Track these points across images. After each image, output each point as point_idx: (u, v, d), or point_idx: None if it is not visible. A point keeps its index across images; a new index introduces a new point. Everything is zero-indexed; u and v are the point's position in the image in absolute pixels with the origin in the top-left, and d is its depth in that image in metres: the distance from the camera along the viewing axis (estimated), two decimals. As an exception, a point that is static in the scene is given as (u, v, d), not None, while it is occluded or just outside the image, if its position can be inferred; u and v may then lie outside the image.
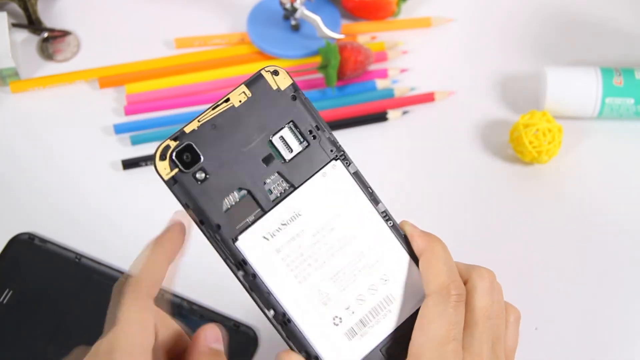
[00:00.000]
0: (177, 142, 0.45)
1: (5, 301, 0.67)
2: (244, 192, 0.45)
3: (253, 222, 0.45)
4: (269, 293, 0.45)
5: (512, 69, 0.81)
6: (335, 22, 0.82)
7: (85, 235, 0.71)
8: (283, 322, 0.45)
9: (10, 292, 0.68)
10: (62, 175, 0.75)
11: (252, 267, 0.45)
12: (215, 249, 0.45)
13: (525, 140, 0.72)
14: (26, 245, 0.70)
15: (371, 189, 0.47)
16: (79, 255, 0.69)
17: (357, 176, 0.47)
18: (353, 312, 0.46)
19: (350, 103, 0.79)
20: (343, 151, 0.46)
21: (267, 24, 0.82)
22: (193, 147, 0.44)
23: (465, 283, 0.47)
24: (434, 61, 0.82)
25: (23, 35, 0.83)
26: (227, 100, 0.45)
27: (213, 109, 0.45)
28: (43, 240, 0.70)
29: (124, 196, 0.74)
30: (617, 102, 0.75)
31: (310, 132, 0.46)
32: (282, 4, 0.80)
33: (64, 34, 0.83)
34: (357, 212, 0.46)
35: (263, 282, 0.45)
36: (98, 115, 0.78)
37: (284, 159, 0.45)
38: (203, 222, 0.44)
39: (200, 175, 0.44)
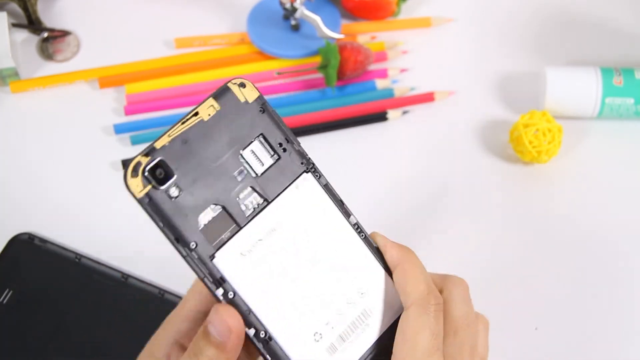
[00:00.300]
0: (149, 157, 0.43)
1: (5, 301, 0.67)
2: (218, 208, 0.44)
3: (229, 239, 0.44)
4: (249, 311, 0.44)
5: (512, 69, 0.81)
6: (335, 22, 0.82)
7: (85, 235, 0.71)
8: (264, 341, 0.44)
9: (10, 292, 0.68)
10: (62, 175, 0.75)
11: (230, 285, 0.44)
12: (192, 267, 0.44)
13: (525, 140, 0.72)
14: (26, 245, 0.70)
15: (342, 202, 0.46)
16: (79, 255, 0.69)
17: (328, 189, 0.46)
18: (333, 327, 0.45)
19: (350, 103, 0.79)
20: (313, 163, 0.46)
21: (267, 24, 0.82)
22: (165, 163, 0.43)
23: (440, 292, 0.47)
24: (434, 61, 0.82)
25: (23, 35, 0.83)
26: (196, 114, 0.44)
27: (182, 123, 0.44)
28: (43, 240, 0.70)
29: (124, 196, 0.74)
30: (617, 102, 0.75)
31: (280, 144, 0.45)
32: (282, 4, 0.80)
33: (64, 34, 0.83)
34: (330, 225, 0.46)
35: (243, 300, 0.44)
36: (98, 115, 0.78)
37: (256, 173, 0.45)
38: (178, 240, 0.43)
39: (173, 192, 0.43)
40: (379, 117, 0.78)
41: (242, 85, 0.45)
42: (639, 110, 0.76)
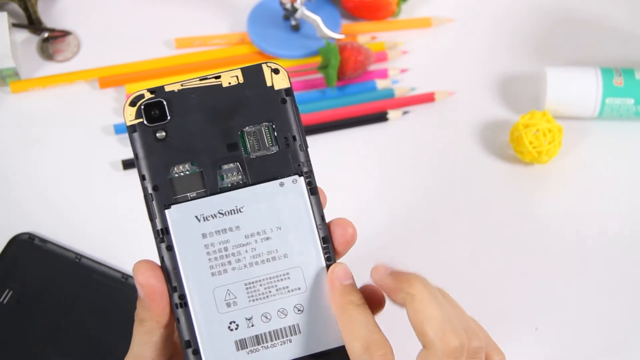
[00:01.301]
0: (152, 95, 0.44)
1: (5, 301, 0.67)
2: (196, 168, 0.44)
3: (192, 199, 0.44)
4: (177, 269, 0.44)
5: (512, 69, 0.81)
6: (336, 22, 0.82)
7: (85, 235, 0.71)
8: (178, 304, 0.44)
9: (10, 292, 0.68)
10: (62, 175, 0.75)
11: (172, 239, 0.44)
12: (147, 208, 0.44)
13: (525, 140, 0.72)
14: (26, 245, 0.70)
15: (323, 220, 0.45)
16: (79, 255, 0.69)
17: (314, 202, 0.45)
18: (252, 325, 0.44)
19: (351, 103, 0.79)
20: (311, 172, 0.45)
21: (267, 24, 0.82)
22: (163, 105, 0.44)
23: None
24: (434, 61, 0.82)
25: (23, 35, 0.83)
26: (218, 77, 0.45)
27: (200, 79, 0.44)
28: (43, 240, 0.70)
29: (124, 196, 0.74)
30: (617, 102, 0.75)
31: (286, 139, 0.45)
32: (282, 4, 0.80)
33: (64, 34, 0.83)
34: (299, 234, 0.45)
35: (175, 257, 0.44)
36: (98, 115, 0.78)
37: (249, 154, 0.45)
38: (144, 178, 0.44)
39: (160, 134, 0.44)
40: (380, 117, 0.78)
41: (276, 71, 0.45)
42: (639, 110, 0.76)
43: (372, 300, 0.45)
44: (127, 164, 0.75)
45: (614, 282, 0.69)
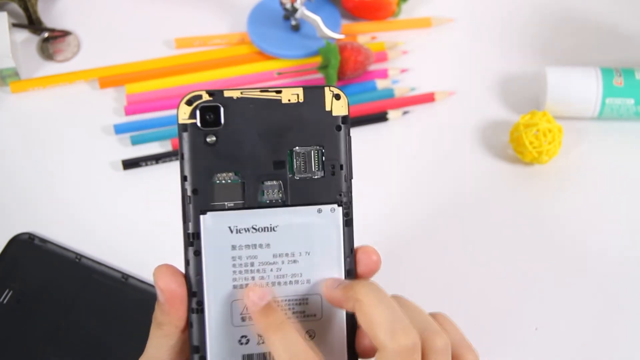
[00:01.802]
0: (211, 97, 0.43)
1: (5, 301, 0.67)
2: (238, 179, 0.44)
3: (228, 209, 0.44)
4: (200, 276, 0.43)
5: (513, 69, 0.81)
6: (336, 22, 0.82)
7: (85, 235, 0.71)
8: (195, 309, 0.44)
9: (10, 292, 0.68)
10: (62, 175, 0.75)
11: (201, 245, 0.43)
12: (182, 210, 0.44)
13: (525, 140, 0.72)
14: (26, 245, 0.70)
15: (351, 253, 0.45)
16: (79, 255, 0.69)
17: (347, 234, 0.45)
18: (263, 343, 0.44)
19: (351, 103, 0.78)
20: (350, 203, 0.45)
21: (267, 24, 0.82)
22: (219, 111, 0.43)
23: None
24: (434, 61, 0.82)
25: (23, 35, 0.83)
26: (279, 92, 0.44)
27: (261, 91, 0.44)
28: (43, 240, 0.70)
29: (124, 196, 0.74)
30: (617, 102, 0.75)
31: (333, 166, 0.44)
32: (282, 4, 0.80)
33: (64, 34, 0.83)
34: (326, 263, 0.45)
35: (201, 263, 0.43)
36: (98, 115, 0.78)
37: (294, 174, 0.44)
38: (186, 179, 0.43)
39: (210, 139, 0.43)
40: (380, 117, 0.78)
41: (337, 96, 0.45)
42: (639, 110, 0.76)
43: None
44: (127, 164, 0.75)
45: (614, 282, 0.69)
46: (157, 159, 0.75)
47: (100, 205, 0.73)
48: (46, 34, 0.83)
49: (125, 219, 0.73)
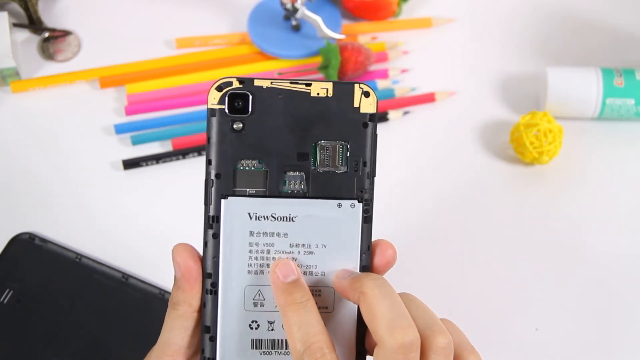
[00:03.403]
0: (241, 85, 0.44)
1: (5, 301, 0.67)
2: (262, 166, 0.44)
3: (250, 195, 0.44)
4: (216, 258, 0.44)
5: (513, 70, 0.81)
6: (336, 23, 0.82)
7: (85, 235, 0.71)
8: (209, 290, 0.44)
9: (11, 292, 0.68)
10: (63, 175, 0.75)
11: (220, 228, 0.44)
12: (204, 192, 0.44)
13: (526, 140, 0.72)
14: (26, 245, 0.70)
15: (368, 249, 0.46)
16: (79, 255, 0.69)
17: (366, 230, 0.45)
18: (272, 330, 0.45)
19: (351, 103, 0.79)
20: (371, 200, 0.46)
21: (267, 24, 0.82)
22: (248, 99, 0.44)
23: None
24: (435, 61, 0.82)
25: (24, 35, 0.83)
26: (309, 84, 0.44)
27: (291, 82, 0.44)
28: (43, 240, 0.70)
29: (124, 196, 0.74)
30: (618, 102, 0.75)
31: (356, 163, 0.45)
32: (282, 4, 0.80)
33: (65, 33, 0.83)
34: (342, 258, 0.45)
35: (218, 246, 0.44)
36: (99, 115, 0.78)
37: (317, 167, 0.45)
38: (210, 163, 0.44)
39: (237, 126, 0.44)
40: (380, 117, 0.78)
41: (366, 94, 0.45)
42: (639, 111, 0.76)
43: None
44: (128, 164, 0.75)
45: (614, 282, 0.69)
46: (158, 159, 0.75)
47: (100, 205, 0.73)
48: (47, 34, 0.83)
49: (126, 219, 0.73)
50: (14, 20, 0.84)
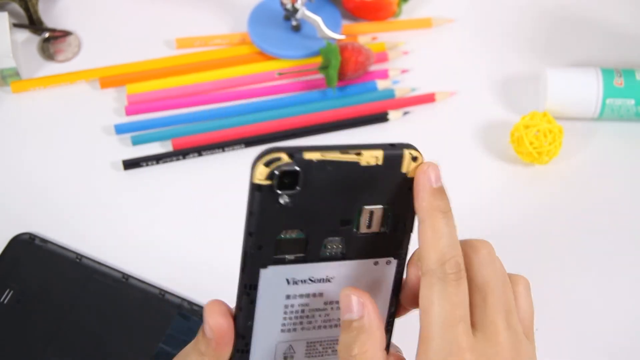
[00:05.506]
0: (290, 160, 0.40)
1: (5, 301, 0.67)
2: (302, 234, 0.42)
3: (289, 262, 0.42)
4: (251, 322, 0.43)
5: (513, 70, 0.81)
6: (336, 23, 0.82)
7: (86, 235, 0.71)
8: (241, 350, 0.43)
9: (11, 292, 0.68)
10: (63, 175, 0.75)
11: (257, 295, 0.42)
12: (242, 261, 0.42)
13: (525, 141, 0.72)
14: (26, 245, 0.70)
15: (396, 296, 0.45)
16: (80, 255, 0.69)
17: (396, 284, 0.45)
18: None
19: (351, 104, 0.79)
20: (404, 259, 0.44)
21: (268, 24, 0.82)
22: (298, 177, 0.40)
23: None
24: (435, 62, 0.82)
25: (24, 35, 0.83)
26: (359, 153, 0.41)
27: (341, 152, 0.41)
28: (43, 240, 0.70)
29: (124, 196, 0.74)
30: (618, 103, 0.75)
31: (397, 224, 0.43)
32: (283, 4, 0.80)
33: (65, 34, 0.83)
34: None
35: (254, 312, 0.43)
36: (99, 115, 0.78)
37: (357, 230, 0.43)
38: (251, 235, 0.41)
39: (283, 201, 0.41)
40: (380, 117, 0.78)
41: (415, 159, 0.43)
42: (639, 111, 0.76)
43: None
44: (128, 164, 0.75)
45: (615, 282, 0.69)
46: (158, 159, 0.75)
47: (100, 205, 0.73)
48: (47, 34, 0.83)
49: (126, 219, 0.73)
50: (14, 21, 0.84)
